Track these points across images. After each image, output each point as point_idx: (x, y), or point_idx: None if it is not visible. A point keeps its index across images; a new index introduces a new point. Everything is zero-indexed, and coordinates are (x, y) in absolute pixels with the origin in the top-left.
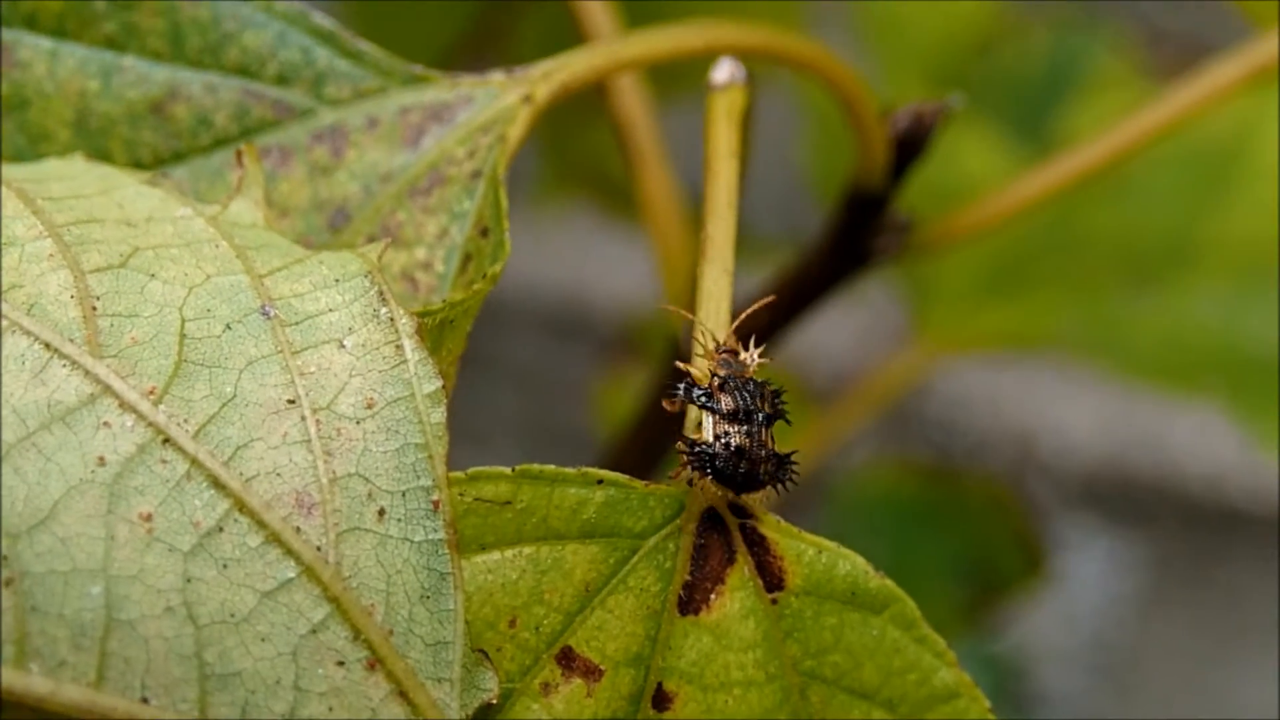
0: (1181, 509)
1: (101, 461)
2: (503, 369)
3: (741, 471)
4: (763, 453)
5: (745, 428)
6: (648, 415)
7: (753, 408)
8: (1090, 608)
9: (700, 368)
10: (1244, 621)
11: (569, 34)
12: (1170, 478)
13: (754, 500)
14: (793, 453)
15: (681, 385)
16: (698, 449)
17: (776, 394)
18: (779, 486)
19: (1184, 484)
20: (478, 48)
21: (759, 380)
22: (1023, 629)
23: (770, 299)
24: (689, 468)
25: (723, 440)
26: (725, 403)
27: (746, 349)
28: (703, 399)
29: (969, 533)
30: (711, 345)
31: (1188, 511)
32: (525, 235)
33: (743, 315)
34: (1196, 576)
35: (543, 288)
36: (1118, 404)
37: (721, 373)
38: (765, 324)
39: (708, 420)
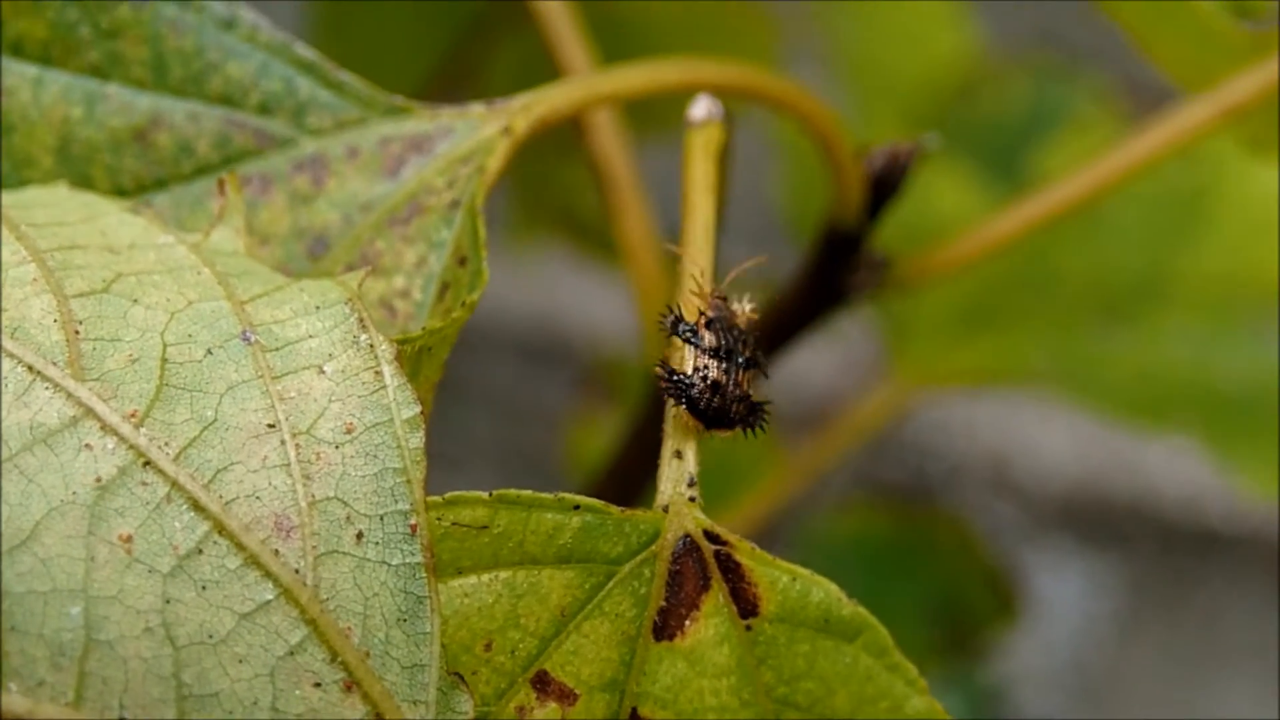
0: (1158, 530)
1: (84, 483)
2: (476, 394)
3: (714, 405)
4: (737, 392)
5: (724, 365)
6: (624, 448)
7: (734, 349)
8: (1067, 630)
9: (690, 306)
10: (1221, 642)
11: (541, 71)
12: (1146, 499)
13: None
14: (766, 401)
15: (669, 318)
16: (675, 378)
17: (760, 348)
18: (748, 431)
19: (1160, 505)
20: (449, 85)
21: (745, 329)
22: (1000, 652)
23: (759, 260)
24: (665, 396)
25: (700, 373)
26: (708, 339)
27: (740, 303)
28: (687, 333)
29: (939, 574)
30: (705, 290)
31: (1164, 533)
32: (499, 261)
33: (734, 272)
34: (1173, 598)
35: (516, 313)
36: (1093, 427)
37: (710, 314)
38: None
39: (689, 353)
